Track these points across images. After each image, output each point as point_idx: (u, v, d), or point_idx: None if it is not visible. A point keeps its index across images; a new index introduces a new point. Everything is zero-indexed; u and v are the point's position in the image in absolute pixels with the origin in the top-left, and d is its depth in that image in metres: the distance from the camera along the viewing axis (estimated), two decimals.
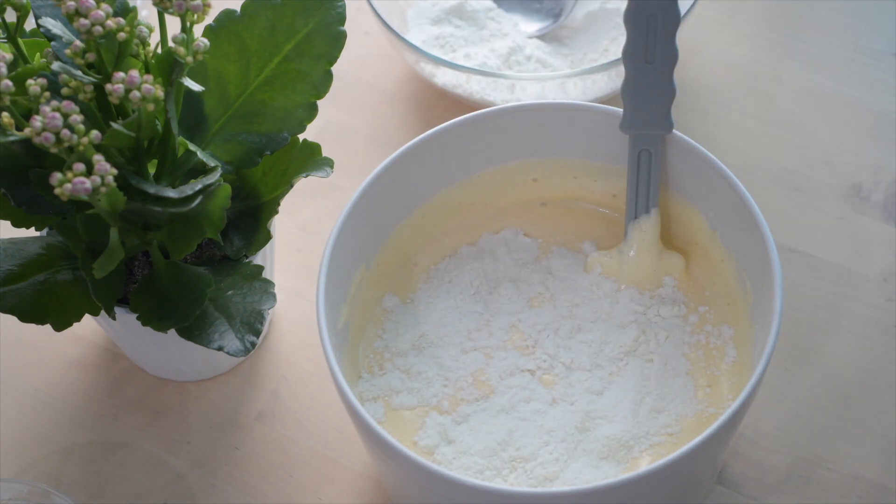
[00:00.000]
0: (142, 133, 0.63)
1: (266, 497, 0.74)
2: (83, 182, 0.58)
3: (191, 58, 0.63)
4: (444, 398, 0.72)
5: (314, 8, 0.69)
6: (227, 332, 0.67)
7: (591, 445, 0.69)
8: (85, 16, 0.60)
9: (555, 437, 0.69)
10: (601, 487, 0.59)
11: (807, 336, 0.79)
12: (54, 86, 0.62)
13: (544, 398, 0.71)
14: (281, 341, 0.81)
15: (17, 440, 0.77)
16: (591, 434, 0.69)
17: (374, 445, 0.63)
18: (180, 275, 0.69)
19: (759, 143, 0.89)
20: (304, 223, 0.86)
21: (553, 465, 0.68)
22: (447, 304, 0.76)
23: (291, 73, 0.69)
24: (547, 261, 0.77)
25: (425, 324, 0.75)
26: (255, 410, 0.78)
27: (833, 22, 0.95)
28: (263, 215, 0.72)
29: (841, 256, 0.82)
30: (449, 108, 0.90)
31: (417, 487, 0.63)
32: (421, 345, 0.74)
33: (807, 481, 0.73)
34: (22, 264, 0.69)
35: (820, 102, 0.90)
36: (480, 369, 0.73)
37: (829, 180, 0.86)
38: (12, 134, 0.59)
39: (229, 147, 0.70)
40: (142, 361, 0.79)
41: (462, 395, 0.72)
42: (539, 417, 0.70)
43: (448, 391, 0.72)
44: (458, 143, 0.74)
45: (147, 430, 0.77)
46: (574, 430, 0.70)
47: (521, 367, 0.73)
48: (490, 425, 0.70)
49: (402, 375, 0.73)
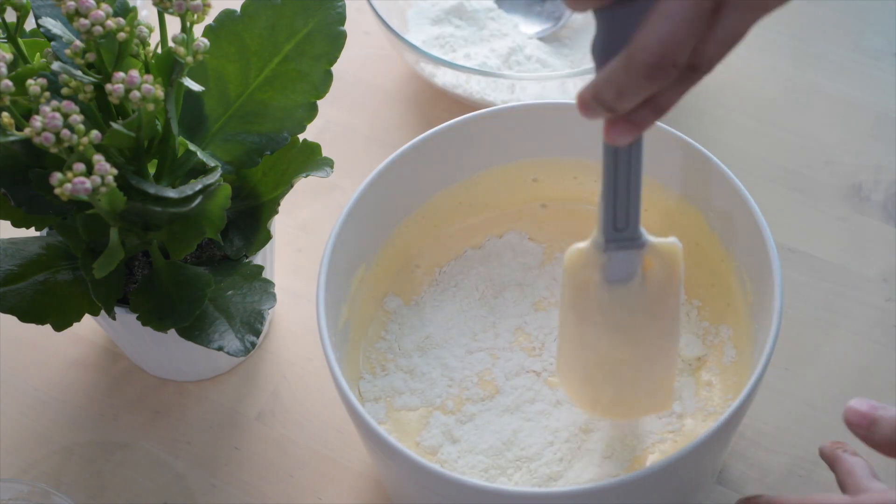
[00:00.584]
0: (142, 133, 0.63)
1: (266, 497, 0.74)
2: (83, 182, 0.58)
3: (191, 58, 0.63)
4: (448, 398, 0.72)
5: (314, 8, 0.69)
6: (227, 332, 0.67)
7: (595, 445, 0.69)
8: (85, 16, 0.60)
9: (559, 437, 0.69)
10: (603, 487, 0.59)
11: (807, 336, 0.79)
12: (54, 86, 0.62)
13: (549, 399, 0.71)
14: (281, 341, 0.81)
15: (17, 440, 0.77)
16: (594, 434, 0.70)
17: (375, 445, 0.63)
18: (180, 275, 0.69)
19: (759, 143, 0.89)
20: (304, 223, 0.86)
21: (557, 464, 0.68)
22: (453, 307, 0.76)
23: (291, 73, 0.69)
24: (552, 266, 0.77)
25: (430, 325, 0.75)
26: (254, 410, 0.78)
27: (833, 22, 0.95)
28: (263, 215, 0.72)
29: (841, 256, 0.82)
30: (449, 108, 0.90)
31: (417, 487, 0.63)
32: (425, 346, 0.74)
33: (807, 481, 0.73)
34: (22, 264, 0.69)
35: (820, 102, 0.90)
36: (486, 369, 0.73)
37: (829, 180, 0.86)
38: (12, 134, 0.59)
39: (229, 147, 0.70)
40: (142, 361, 0.79)
41: (467, 394, 0.72)
42: (543, 418, 0.70)
43: (453, 391, 0.72)
44: (458, 143, 0.74)
45: (147, 430, 0.77)
46: (578, 430, 0.70)
47: (527, 367, 0.73)
48: (495, 425, 0.70)
49: (405, 376, 0.73)
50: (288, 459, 0.76)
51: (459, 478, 0.60)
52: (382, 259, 0.75)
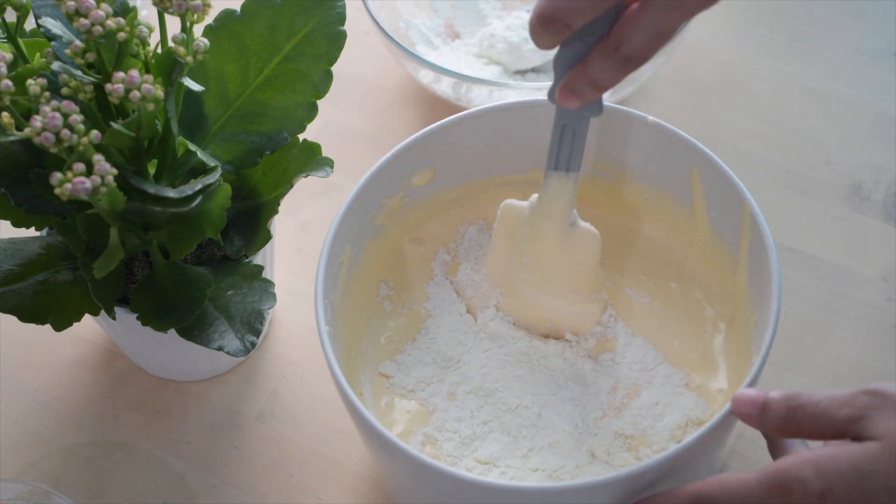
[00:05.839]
0: (142, 133, 0.62)
1: (266, 497, 0.74)
2: (83, 182, 0.58)
3: (191, 58, 0.63)
4: (459, 419, 0.71)
5: (314, 8, 0.69)
6: (227, 332, 0.67)
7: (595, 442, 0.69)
8: (85, 16, 0.60)
9: (562, 436, 0.69)
10: (598, 483, 0.59)
11: (807, 336, 0.79)
12: (54, 86, 0.62)
13: (552, 399, 0.71)
14: (281, 341, 0.81)
15: (17, 440, 0.77)
16: (595, 437, 0.70)
17: (375, 443, 0.63)
18: (180, 275, 0.69)
19: (759, 143, 0.89)
20: (304, 223, 0.86)
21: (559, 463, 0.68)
22: (455, 308, 0.76)
23: (291, 72, 0.69)
24: None
25: (430, 325, 0.75)
26: (254, 410, 0.78)
27: (833, 22, 0.95)
28: (263, 215, 0.72)
29: (841, 256, 0.82)
30: (450, 108, 0.90)
31: (418, 484, 0.63)
32: (425, 344, 0.74)
33: None
34: (22, 264, 0.69)
35: (820, 102, 0.90)
36: (488, 367, 0.73)
37: (829, 180, 0.86)
38: (12, 134, 0.59)
39: (229, 147, 0.70)
40: (142, 361, 0.79)
41: (470, 393, 0.72)
42: (547, 413, 0.70)
43: (461, 413, 0.72)
44: (457, 142, 0.75)
45: (147, 430, 0.77)
46: (576, 428, 0.70)
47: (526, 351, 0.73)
48: (497, 421, 0.70)
49: (405, 375, 0.73)
50: (288, 459, 0.76)
51: (461, 474, 0.60)
52: (383, 259, 0.75)
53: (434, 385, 0.72)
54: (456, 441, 0.70)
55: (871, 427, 0.55)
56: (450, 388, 0.72)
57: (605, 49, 0.61)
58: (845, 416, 0.56)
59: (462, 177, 0.77)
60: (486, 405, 0.71)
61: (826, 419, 0.57)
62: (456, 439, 0.70)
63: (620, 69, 0.61)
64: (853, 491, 0.54)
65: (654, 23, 0.60)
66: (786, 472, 0.56)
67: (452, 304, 0.76)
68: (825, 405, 0.57)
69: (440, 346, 0.74)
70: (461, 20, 0.95)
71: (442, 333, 0.75)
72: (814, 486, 0.55)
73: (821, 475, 0.55)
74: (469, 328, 0.75)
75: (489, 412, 0.71)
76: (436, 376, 0.73)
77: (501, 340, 0.74)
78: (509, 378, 0.72)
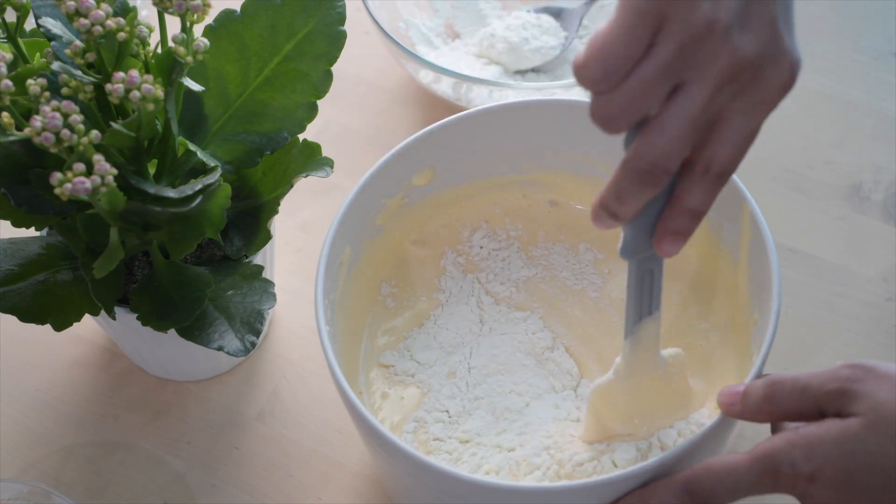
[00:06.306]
0: (142, 133, 0.62)
1: (266, 497, 0.74)
2: (83, 182, 0.58)
3: (191, 58, 0.63)
4: (451, 396, 0.71)
5: (314, 8, 0.69)
6: (227, 332, 0.67)
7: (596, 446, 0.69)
8: (85, 16, 0.60)
9: (563, 436, 0.69)
10: (598, 483, 0.59)
11: (807, 336, 0.79)
12: (54, 86, 0.62)
13: (554, 399, 0.71)
14: (281, 341, 0.81)
15: (17, 440, 0.77)
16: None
17: (375, 443, 0.63)
18: (180, 275, 0.69)
19: (759, 143, 0.88)
20: (304, 223, 0.86)
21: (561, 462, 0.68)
22: (454, 309, 0.76)
23: (291, 72, 0.69)
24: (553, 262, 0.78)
25: (440, 313, 0.75)
26: (254, 410, 0.78)
27: (833, 22, 0.95)
28: (263, 215, 0.72)
29: (841, 256, 0.82)
30: (450, 108, 0.90)
31: (418, 484, 0.63)
32: (427, 345, 0.74)
33: None
34: (22, 264, 0.69)
35: (820, 102, 0.90)
36: (487, 364, 0.73)
37: (829, 180, 0.86)
38: (12, 134, 0.59)
39: (229, 147, 0.70)
40: (142, 361, 0.79)
41: (473, 369, 0.72)
42: (534, 407, 0.70)
43: (456, 389, 0.72)
44: (457, 142, 0.75)
45: (147, 430, 0.77)
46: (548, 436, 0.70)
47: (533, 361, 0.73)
48: (487, 399, 0.70)
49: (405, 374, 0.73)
50: (288, 459, 0.76)
51: (462, 474, 0.60)
52: (383, 258, 0.75)
53: (437, 366, 0.72)
54: (444, 421, 0.70)
55: (854, 402, 0.55)
56: (452, 367, 0.72)
57: (692, 175, 0.56)
58: (828, 390, 0.56)
59: (462, 177, 0.77)
60: (483, 383, 0.71)
61: (807, 394, 0.57)
62: (444, 418, 0.70)
63: (715, 189, 0.56)
64: (840, 472, 0.55)
65: (740, 130, 0.56)
66: (774, 454, 0.56)
67: (468, 297, 0.76)
68: (805, 380, 0.57)
69: (449, 332, 0.74)
70: (461, 20, 0.95)
71: (453, 320, 0.75)
72: (803, 468, 0.55)
73: (810, 457, 0.55)
74: (484, 316, 0.75)
75: (483, 389, 0.71)
76: (440, 359, 0.73)
77: (518, 330, 0.74)
78: (515, 364, 0.72)
